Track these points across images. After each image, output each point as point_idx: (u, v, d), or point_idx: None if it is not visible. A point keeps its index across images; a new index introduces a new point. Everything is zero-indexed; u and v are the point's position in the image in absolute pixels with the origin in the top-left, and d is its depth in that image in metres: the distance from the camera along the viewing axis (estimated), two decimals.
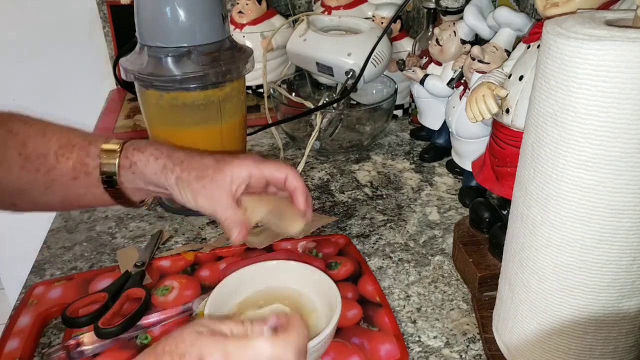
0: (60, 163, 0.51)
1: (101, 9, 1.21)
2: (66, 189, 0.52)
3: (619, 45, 0.33)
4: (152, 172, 0.51)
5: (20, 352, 0.51)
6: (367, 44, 0.84)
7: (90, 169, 0.51)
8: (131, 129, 1.01)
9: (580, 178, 0.37)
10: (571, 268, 0.39)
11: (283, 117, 0.88)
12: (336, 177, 0.84)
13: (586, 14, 0.39)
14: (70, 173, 0.51)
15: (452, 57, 0.79)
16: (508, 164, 0.57)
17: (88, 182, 0.52)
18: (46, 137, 0.52)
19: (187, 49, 0.64)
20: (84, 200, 0.54)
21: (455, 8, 0.78)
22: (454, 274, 0.62)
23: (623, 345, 0.42)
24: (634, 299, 0.39)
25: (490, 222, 0.61)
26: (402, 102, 1.01)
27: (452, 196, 0.78)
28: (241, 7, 1.07)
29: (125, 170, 0.52)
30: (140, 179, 0.52)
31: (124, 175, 0.52)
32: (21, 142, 0.51)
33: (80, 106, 1.28)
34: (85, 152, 0.52)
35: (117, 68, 1.03)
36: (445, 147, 0.86)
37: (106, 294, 0.56)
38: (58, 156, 0.51)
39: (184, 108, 0.67)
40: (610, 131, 0.34)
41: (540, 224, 0.40)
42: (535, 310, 0.43)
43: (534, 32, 0.56)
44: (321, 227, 0.70)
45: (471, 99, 0.57)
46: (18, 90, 1.25)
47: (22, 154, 0.51)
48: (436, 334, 0.54)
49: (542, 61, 0.38)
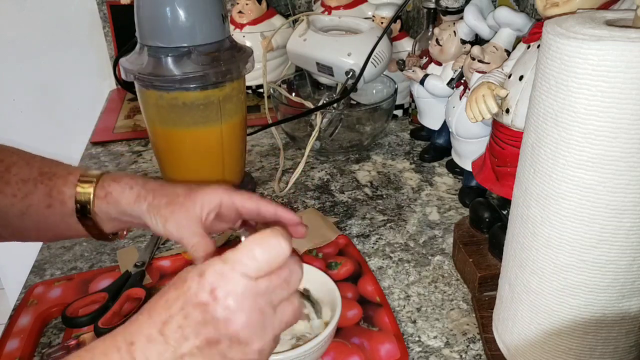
0: (37, 189, 0.52)
1: (101, 9, 1.21)
2: (41, 217, 0.52)
3: (619, 45, 0.33)
4: (126, 202, 0.52)
5: (20, 352, 0.51)
6: (367, 44, 0.84)
7: (66, 198, 0.52)
8: (131, 129, 1.01)
9: (580, 178, 0.37)
10: (571, 268, 0.39)
11: (283, 117, 0.88)
12: (336, 177, 0.84)
13: (586, 14, 0.39)
14: (46, 200, 0.52)
15: (452, 57, 0.79)
16: (508, 164, 0.57)
17: (62, 211, 0.52)
18: (29, 165, 0.53)
19: (187, 49, 0.64)
20: (58, 230, 0.55)
21: (455, 8, 0.78)
22: (454, 274, 0.62)
23: (623, 345, 0.42)
24: (634, 299, 0.39)
25: (490, 222, 0.61)
26: (402, 102, 1.01)
27: (452, 196, 0.78)
28: (241, 7, 1.07)
29: (100, 200, 0.52)
30: (114, 208, 0.52)
31: (98, 205, 0.52)
32: (5, 167, 0.52)
33: (80, 106, 1.28)
34: (63, 181, 0.52)
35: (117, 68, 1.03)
36: (445, 147, 0.86)
37: (106, 294, 0.56)
38: (37, 183, 0.52)
39: (184, 108, 0.67)
40: (610, 131, 0.34)
41: (540, 224, 0.40)
42: (535, 310, 0.43)
43: (534, 32, 0.56)
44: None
45: (471, 99, 0.57)
46: (18, 90, 1.25)
47: (4, 178, 0.51)
48: (436, 334, 0.54)
49: (542, 61, 0.38)
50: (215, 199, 0.52)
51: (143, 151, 0.93)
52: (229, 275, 0.32)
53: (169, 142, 0.72)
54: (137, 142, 0.97)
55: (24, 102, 1.27)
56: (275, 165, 0.88)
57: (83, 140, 0.98)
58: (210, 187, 0.53)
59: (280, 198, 0.78)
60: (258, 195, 0.54)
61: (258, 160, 0.90)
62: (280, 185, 0.81)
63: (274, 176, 0.83)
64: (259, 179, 0.84)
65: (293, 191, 0.80)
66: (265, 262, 0.33)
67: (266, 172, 0.86)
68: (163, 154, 0.74)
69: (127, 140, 0.97)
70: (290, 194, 0.79)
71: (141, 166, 0.88)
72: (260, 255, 0.33)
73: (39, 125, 1.27)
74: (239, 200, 0.53)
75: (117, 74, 1.10)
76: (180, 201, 0.51)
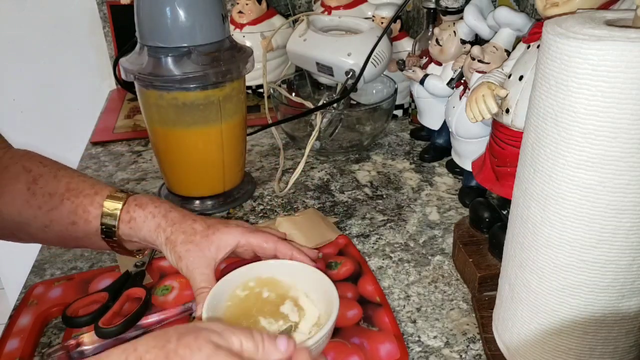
0: (63, 205, 0.53)
1: (101, 9, 1.21)
2: (64, 231, 0.54)
3: (619, 45, 0.33)
4: (147, 230, 0.53)
5: (21, 352, 0.51)
6: (367, 44, 0.84)
7: (91, 217, 0.53)
8: (131, 129, 1.01)
9: (580, 178, 0.37)
10: (571, 268, 0.39)
11: (283, 117, 0.88)
12: (336, 177, 0.84)
13: (586, 14, 0.39)
14: (70, 217, 0.53)
15: (452, 57, 0.79)
16: (508, 164, 0.57)
17: (86, 229, 0.54)
18: (57, 178, 0.54)
19: (187, 49, 0.64)
20: (80, 242, 0.56)
21: (455, 8, 0.78)
22: (454, 274, 0.62)
23: (623, 345, 0.42)
24: (634, 299, 0.40)
25: (490, 222, 0.61)
26: (402, 102, 1.01)
27: (452, 196, 0.78)
28: (241, 7, 1.07)
29: (124, 224, 0.54)
30: (135, 234, 0.54)
31: (122, 228, 0.54)
32: (32, 178, 0.53)
33: (80, 106, 1.28)
34: (90, 200, 0.53)
35: (117, 68, 1.03)
36: (445, 147, 0.86)
37: (106, 294, 0.56)
38: (63, 198, 0.53)
39: (184, 108, 0.67)
40: (610, 131, 0.34)
41: (540, 224, 0.40)
42: (535, 310, 0.43)
43: (534, 32, 0.56)
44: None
45: (471, 99, 0.57)
46: (18, 90, 1.25)
47: (30, 189, 0.53)
48: (436, 334, 0.54)
49: (542, 61, 0.38)
50: (232, 241, 0.53)
51: (143, 151, 0.93)
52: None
53: (169, 142, 0.72)
54: (137, 142, 0.97)
55: (24, 102, 1.27)
56: (275, 165, 0.88)
57: (83, 140, 0.98)
58: (228, 227, 0.54)
59: (280, 198, 0.78)
60: (276, 237, 0.56)
61: (258, 160, 0.90)
62: (280, 185, 0.81)
63: (274, 176, 0.83)
64: (259, 179, 0.84)
65: (293, 191, 0.80)
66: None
67: (266, 172, 0.86)
68: (163, 154, 0.74)
69: (127, 140, 0.97)
70: (290, 194, 0.79)
71: (141, 166, 0.88)
72: None
73: (39, 125, 1.27)
74: (256, 242, 0.54)
75: (117, 74, 1.10)
76: (197, 240, 0.52)
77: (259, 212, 0.75)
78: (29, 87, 1.25)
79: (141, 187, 0.82)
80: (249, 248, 0.55)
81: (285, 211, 0.75)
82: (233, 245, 0.53)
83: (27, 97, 1.26)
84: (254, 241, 0.54)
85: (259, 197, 0.79)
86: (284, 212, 0.75)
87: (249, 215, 0.74)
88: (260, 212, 0.75)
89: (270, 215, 0.74)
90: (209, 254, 0.52)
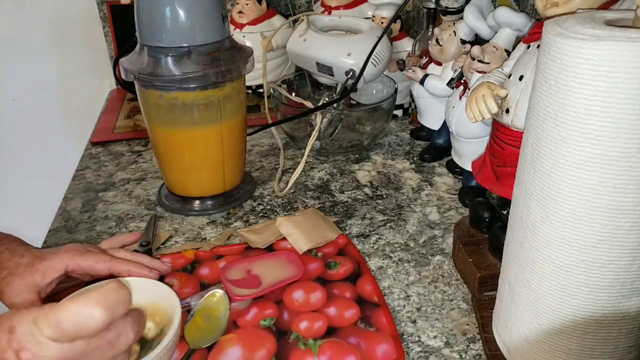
0: None
1: (101, 9, 1.21)
2: None
3: (619, 45, 0.33)
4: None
5: None
6: (367, 44, 0.84)
7: None
8: (131, 129, 1.01)
9: (580, 178, 0.37)
10: (571, 268, 0.39)
11: (283, 117, 0.88)
12: (336, 177, 0.84)
13: (586, 14, 0.39)
14: None
15: (452, 57, 0.79)
16: (508, 164, 0.57)
17: None
18: None
19: (187, 49, 0.64)
20: None
21: (455, 8, 0.78)
22: (454, 274, 0.62)
23: (623, 345, 0.42)
24: (634, 299, 0.39)
25: (490, 222, 0.61)
26: (402, 102, 1.01)
27: (452, 196, 0.78)
28: (241, 7, 1.08)
29: None
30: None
31: None
32: None
33: (80, 106, 1.28)
34: None
35: (117, 68, 1.03)
36: (445, 147, 0.86)
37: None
38: None
39: (184, 108, 0.67)
40: (610, 131, 0.34)
41: (540, 224, 0.40)
42: (535, 310, 0.43)
43: (534, 32, 0.56)
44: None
45: (471, 99, 0.57)
46: (18, 90, 1.25)
47: None
48: (436, 334, 0.54)
49: (542, 61, 0.38)
50: (60, 266, 0.53)
51: (143, 151, 0.93)
52: (38, 337, 0.32)
53: (169, 142, 0.72)
54: (137, 142, 0.97)
55: (24, 102, 1.27)
56: (275, 165, 0.88)
57: (83, 140, 0.98)
58: (56, 254, 0.54)
59: (280, 198, 0.78)
60: (109, 256, 0.55)
61: (258, 160, 0.90)
62: (280, 185, 0.81)
63: (274, 176, 0.83)
64: (259, 179, 0.84)
65: (293, 191, 0.80)
66: (73, 331, 0.32)
67: (266, 172, 0.86)
68: (163, 154, 0.74)
69: (127, 140, 0.97)
70: (290, 194, 0.79)
71: (141, 166, 0.88)
72: (66, 324, 0.32)
73: (39, 125, 1.27)
74: (86, 264, 0.54)
75: (117, 74, 1.10)
76: (19, 272, 0.52)
77: (259, 212, 0.75)
78: (29, 87, 1.25)
79: (141, 187, 0.82)
80: (80, 271, 0.55)
81: (285, 211, 0.75)
82: (61, 270, 0.53)
83: (27, 97, 1.26)
84: (84, 264, 0.54)
85: (259, 197, 0.79)
86: (284, 212, 0.75)
87: (249, 215, 0.74)
88: (260, 212, 0.75)
89: (270, 215, 0.74)
90: (32, 281, 0.52)
